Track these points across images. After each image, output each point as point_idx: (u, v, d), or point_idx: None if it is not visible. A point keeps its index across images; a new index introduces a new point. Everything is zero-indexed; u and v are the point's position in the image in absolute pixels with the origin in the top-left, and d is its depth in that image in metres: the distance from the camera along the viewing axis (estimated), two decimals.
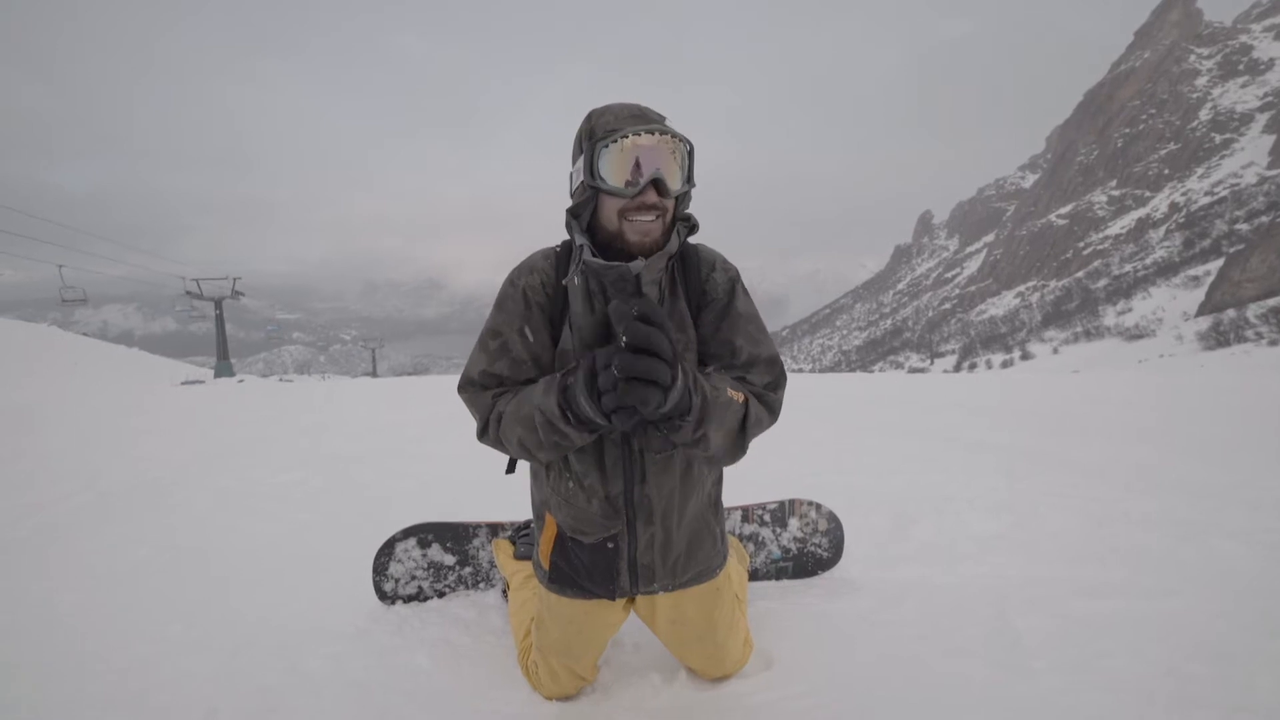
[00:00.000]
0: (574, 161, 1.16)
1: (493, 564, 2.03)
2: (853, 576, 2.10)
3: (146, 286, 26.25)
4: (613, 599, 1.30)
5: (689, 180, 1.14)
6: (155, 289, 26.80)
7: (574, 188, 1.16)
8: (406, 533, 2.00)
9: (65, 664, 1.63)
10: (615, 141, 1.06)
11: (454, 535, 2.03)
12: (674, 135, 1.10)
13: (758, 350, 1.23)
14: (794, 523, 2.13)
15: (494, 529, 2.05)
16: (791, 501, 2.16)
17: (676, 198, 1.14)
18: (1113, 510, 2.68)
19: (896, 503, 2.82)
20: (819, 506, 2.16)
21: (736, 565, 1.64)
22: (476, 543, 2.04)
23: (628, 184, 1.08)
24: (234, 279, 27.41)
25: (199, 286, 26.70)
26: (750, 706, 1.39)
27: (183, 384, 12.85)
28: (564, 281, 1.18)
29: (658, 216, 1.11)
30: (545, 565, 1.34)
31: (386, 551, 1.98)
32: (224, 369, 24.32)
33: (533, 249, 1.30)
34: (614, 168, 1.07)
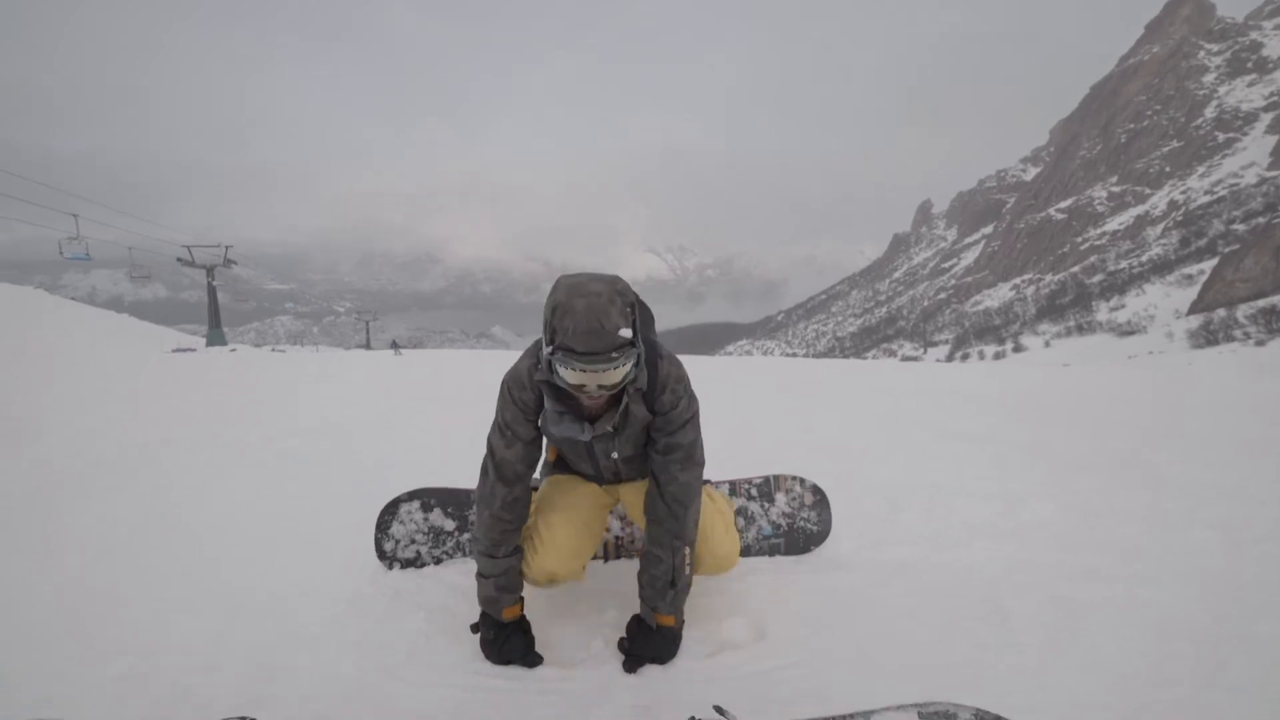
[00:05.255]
0: (544, 323, 1.38)
1: None
2: (844, 556, 2.15)
3: (138, 252, 25.69)
4: (600, 485, 1.78)
5: (634, 366, 1.40)
6: (148, 255, 26.28)
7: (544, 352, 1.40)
8: (411, 495, 2.05)
9: (70, 621, 1.65)
10: (567, 368, 1.32)
11: (455, 501, 2.07)
12: (615, 362, 1.32)
13: (681, 440, 1.59)
14: (780, 498, 2.18)
15: None
16: (776, 477, 2.21)
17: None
18: (1100, 501, 2.74)
19: (888, 488, 2.86)
20: (802, 480, 2.21)
21: (711, 490, 1.83)
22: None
23: (577, 388, 1.37)
24: (225, 247, 26.98)
25: (190, 253, 26.26)
26: (744, 675, 1.43)
27: (174, 352, 12.68)
28: (540, 426, 1.58)
29: (603, 394, 1.41)
30: (551, 459, 1.86)
31: (390, 511, 2.03)
32: (216, 338, 24.06)
33: (528, 225, 1.63)
34: (567, 377, 1.35)
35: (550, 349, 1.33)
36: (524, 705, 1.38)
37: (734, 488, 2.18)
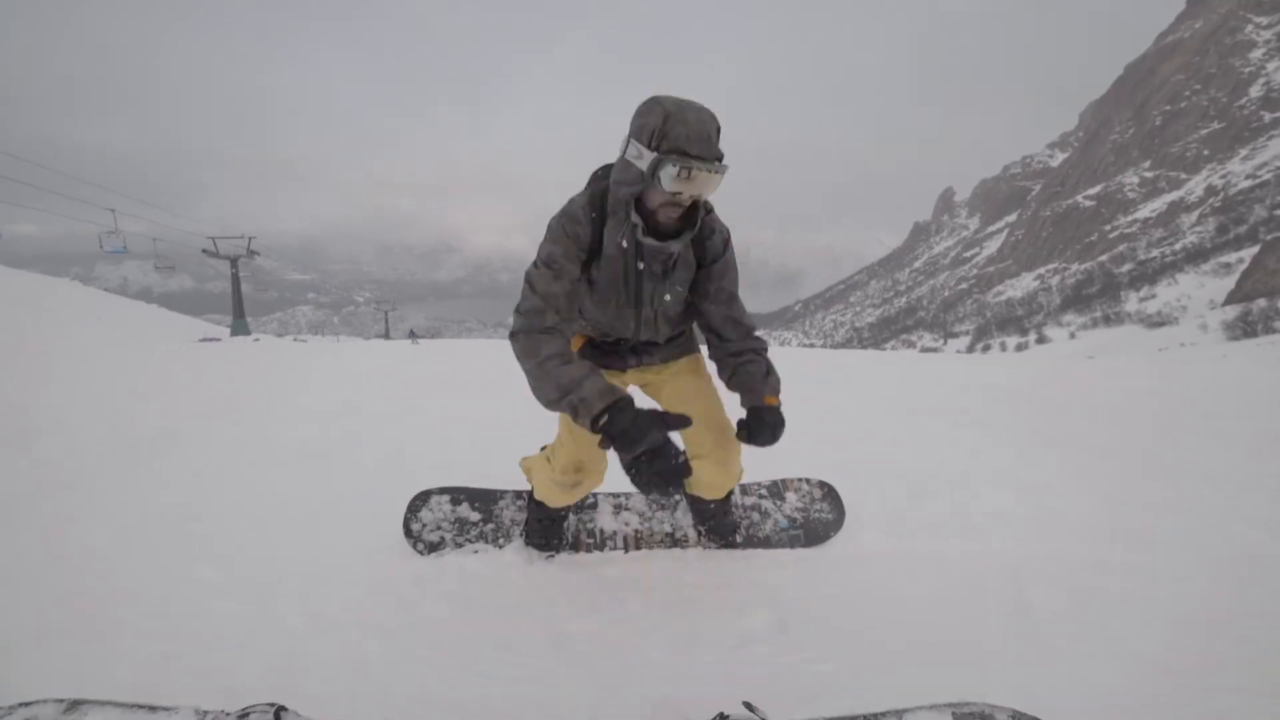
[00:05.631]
0: (638, 135, 1.41)
1: (514, 521, 2.13)
2: (864, 549, 2.11)
3: (163, 244, 26.29)
4: (623, 370, 1.82)
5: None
6: (174, 247, 26.90)
7: (632, 166, 1.43)
8: (443, 490, 2.14)
9: (97, 602, 1.69)
10: (680, 168, 1.35)
11: (484, 498, 2.16)
12: (719, 170, 1.39)
13: (734, 288, 1.74)
14: (791, 496, 2.22)
15: (519, 494, 2.18)
16: (782, 480, 2.25)
17: None
18: (1129, 493, 2.65)
19: (909, 478, 2.80)
20: (808, 480, 2.25)
21: None
22: (502, 503, 2.15)
23: (678, 195, 1.41)
24: (249, 238, 27.45)
25: (215, 245, 26.79)
26: (770, 668, 1.41)
27: (201, 341, 13.01)
28: (622, 243, 1.55)
29: (683, 210, 1.48)
30: (575, 349, 1.80)
31: (422, 498, 2.12)
32: (240, 327, 24.55)
33: (542, 213, 1.61)
34: (673, 182, 1.37)
35: (656, 155, 1.37)
36: (544, 693, 1.38)
37: (744, 488, 2.21)
